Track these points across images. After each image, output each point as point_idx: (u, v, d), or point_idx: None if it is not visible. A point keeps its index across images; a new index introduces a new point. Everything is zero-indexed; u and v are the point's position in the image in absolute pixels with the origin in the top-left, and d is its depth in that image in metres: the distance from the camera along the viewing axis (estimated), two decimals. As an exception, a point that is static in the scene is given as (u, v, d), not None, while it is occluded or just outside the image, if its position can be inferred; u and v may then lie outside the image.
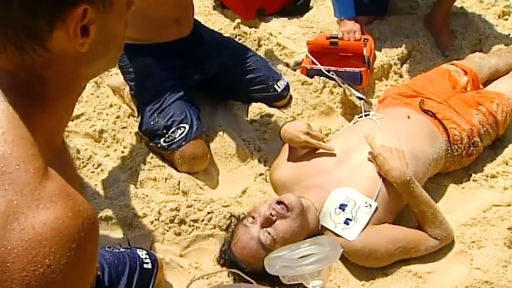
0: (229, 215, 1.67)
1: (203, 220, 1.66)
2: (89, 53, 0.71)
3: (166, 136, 1.82)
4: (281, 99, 2.12)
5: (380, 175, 1.60)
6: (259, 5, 2.68)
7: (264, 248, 1.44)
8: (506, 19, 2.61)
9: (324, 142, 1.74)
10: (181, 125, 1.83)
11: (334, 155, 1.71)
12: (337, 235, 1.54)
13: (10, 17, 0.63)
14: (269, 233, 1.45)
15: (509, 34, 2.48)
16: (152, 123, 1.85)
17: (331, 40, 2.25)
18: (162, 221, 1.64)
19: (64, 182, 0.66)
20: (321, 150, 1.74)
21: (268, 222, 1.46)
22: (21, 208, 0.61)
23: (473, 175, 1.83)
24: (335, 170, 1.67)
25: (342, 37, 2.29)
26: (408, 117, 1.80)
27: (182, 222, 1.65)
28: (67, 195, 0.65)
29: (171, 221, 1.64)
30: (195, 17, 2.04)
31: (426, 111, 1.83)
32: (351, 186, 1.60)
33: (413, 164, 1.64)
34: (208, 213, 1.67)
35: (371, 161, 1.64)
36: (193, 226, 1.65)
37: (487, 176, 1.81)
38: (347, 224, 1.54)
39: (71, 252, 0.63)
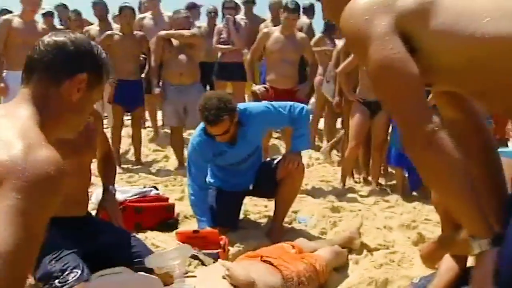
0: None
1: None
2: (72, 106, 1.37)
3: (61, 277, 2.19)
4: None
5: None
6: (136, 220, 3.37)
7: None
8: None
9: None
10: (74, 270, 2.23)
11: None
12: None
13: (54, 66, 1.32)
14: None
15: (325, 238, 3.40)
16: (49, 267, 2.22)
17: (194, 230, 2.96)
18: None
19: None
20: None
21: None
22: (34, 147, 1.15)
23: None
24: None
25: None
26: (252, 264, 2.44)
27: None
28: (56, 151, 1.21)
29: None
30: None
31: (265, 261, 2.48)
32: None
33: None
34: None
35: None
36: None
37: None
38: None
39: (62, 172, 1.16)
